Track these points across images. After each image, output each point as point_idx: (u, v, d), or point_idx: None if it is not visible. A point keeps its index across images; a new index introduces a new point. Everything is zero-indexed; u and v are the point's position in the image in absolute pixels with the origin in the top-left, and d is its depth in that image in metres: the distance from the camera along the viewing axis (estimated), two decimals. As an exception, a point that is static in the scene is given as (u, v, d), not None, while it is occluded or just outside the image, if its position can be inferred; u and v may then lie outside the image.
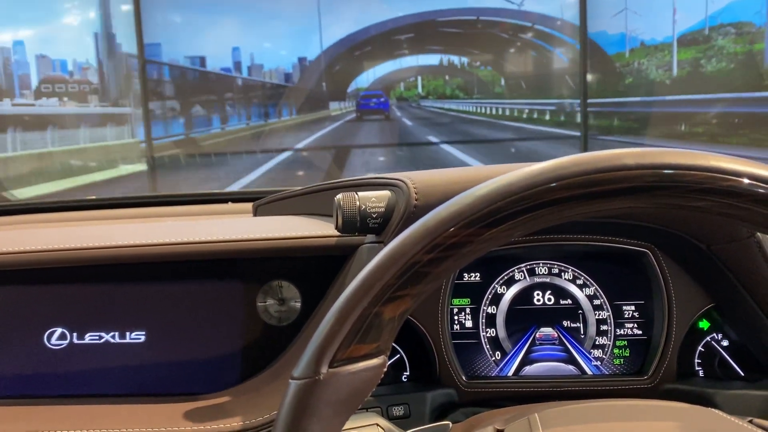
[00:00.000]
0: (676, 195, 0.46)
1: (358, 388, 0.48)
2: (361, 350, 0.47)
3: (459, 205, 0.47)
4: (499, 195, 0.46)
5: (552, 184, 0.45)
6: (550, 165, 0.46)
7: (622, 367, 0.88)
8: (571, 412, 0.58)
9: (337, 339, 0.47)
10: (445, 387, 0.85)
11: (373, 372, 0.48)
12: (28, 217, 1.37)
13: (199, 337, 0.86)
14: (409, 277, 0.46)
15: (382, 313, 0.47)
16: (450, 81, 10.87)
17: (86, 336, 0.86)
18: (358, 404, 0.49)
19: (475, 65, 10.38)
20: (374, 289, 0.46)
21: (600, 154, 0.46)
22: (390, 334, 0.48)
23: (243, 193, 1.34)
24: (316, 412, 0.46)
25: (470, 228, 0.46)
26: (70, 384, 0.85)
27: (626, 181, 0.45)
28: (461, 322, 0.89)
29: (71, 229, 0.99)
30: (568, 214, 0.46)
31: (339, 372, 0.47)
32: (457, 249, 0.46)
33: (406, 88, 11.02)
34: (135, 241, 0.85)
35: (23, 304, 0.86)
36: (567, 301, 0.89)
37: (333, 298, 0.84)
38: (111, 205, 1.39)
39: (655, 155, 0.46)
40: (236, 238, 0.85)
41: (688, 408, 0.59)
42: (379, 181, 0.83)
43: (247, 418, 0.77)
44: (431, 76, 10.87)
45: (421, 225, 0.47)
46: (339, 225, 0.78)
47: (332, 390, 0.47)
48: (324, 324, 0.47)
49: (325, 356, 0.47)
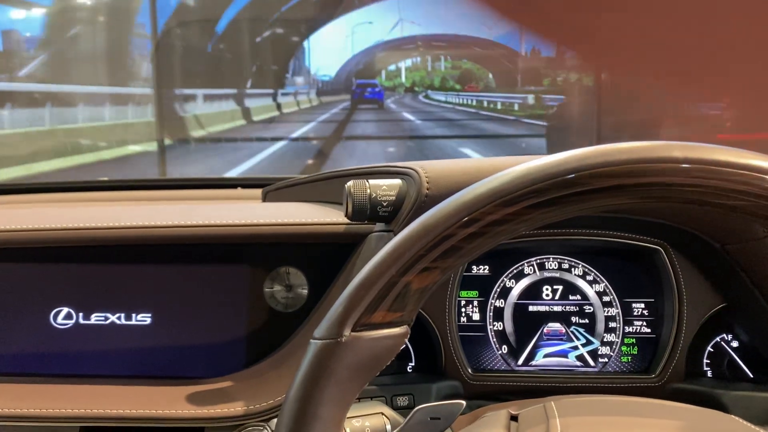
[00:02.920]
0: (719, 193, 0.45)
1: (378, 355, 0.48)
2: (385, 317, 0.47)
3: (499, 183, 0.46)
4: (544, 175, 0.45)
5: (599, 170, 0.45)
6: (598, 150, 0.46)
7: (630, 364, 0.87)
8: (587, 404, 0.58)
9: (363, 303, 0.47)
10: (450, 379, 0.84)
11: (394, 341, 0.48)
12: (38, 196, 1.37)
13: (205, 321, 0.86)
14: (440, 250, 0.46)
15: (409, 282, 0.47)
16: (433, 73, 11.07)
17: (92, 316, 0.86)
18: (377, 371, 0.49)
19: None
20: (404, 257, 0.46)
21: (648, 144, 0.46)
22: (415, 305, 0.48)
23: (252, 178, 1.34)
24: (334, 373, 0.47)
25: (510, 206, 0.46)
26: (74, 363, 0.85)
27: (672, 174, 0.45)
28: (468, 315, 0.88)
29: (80, 209, 0.98)
30: (606, 203, 0.46)
31: (361, 336, 0.47)
32: (493, 226, 0.46)
33: (387, 77, 11.21)
34: (144, 223, 0.85)
35: (31, 282, 0.86)
36: (576, 296, 0.88)
37: (341, 286, 0.84)
38: (119, 187, 1.39)
39: (704, 150, 0.45)
40: (245, 222, 0.85)
41: (706, 413, 0.58)
42: (390, 169, 0.82)
43: (250, 404, 0.77)
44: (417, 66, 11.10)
45: (458, 198, 0.47)
46: (349, 212, 0.77)
47: (353, 354, 0.47)
48: (351, 288, 0.48)
49: (349, 319, 0.47)
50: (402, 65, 11.48)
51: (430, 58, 11.33)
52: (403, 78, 11.54)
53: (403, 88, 11.46)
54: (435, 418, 0.56)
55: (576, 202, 0.46)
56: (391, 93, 11.34)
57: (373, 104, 11.01)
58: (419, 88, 11.23)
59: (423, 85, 11.23)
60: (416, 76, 11.40)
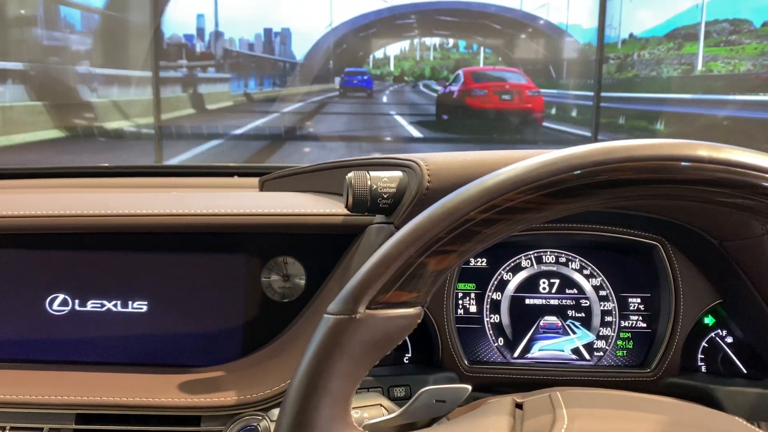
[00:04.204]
0: (737, 194, 0.46)
1: (390, 334, 0.49)
2: (400, 297, 0.48)
3: (523, 170, 0.47)
4: (568, 167, 0.46)
5: (624, 164, 0.45)
6: (623, 145, 0.46)
7: (625, 359, 0.88)
8: (593, 396, 0.58)
9: (380, 281, 0.47)
10: (446, 371, 0.85)
11: (407, 321, 0.49)
12: (31, 181, 1.36)
13: (202, 309, 0.86)
14: (459, 233, 0.47)
15: (426, 264, 0.47)
16: (423, 62, 10.82)
17: (88, 303, 0.86)
18: (389, 350, 0.49)
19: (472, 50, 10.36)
20: (423, 238, 0.47)
21: (673, 142, 0.46)
22: (430, 287, 0.49)
23: (249, 167, 1.33)
24: (347, 349, 0.47)
25: (531, 194, 0.46)
26: (70, 350, 0.85)
27: (695, 173, 0.45)
28: (465, 307, 0.88)
29: (75, 196, 0.98)
30: (626, 197, 0.47)
31: (376, 314, 0.47)
32: (512, 213, 0.47)
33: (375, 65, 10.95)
34: (140, 210, 0.84)
35: (26, 268, 0.86)
36: (573, 290, 0.88)
37: (338, 277, 0.84)
38: (115, 174, 1.38)
39: (730, 151, 0.45)
40: (243, 212, 0.84)
41: (712, 411, 0.59)
42: (391, 161, 0.82)
43: (247, 393, 0.77)
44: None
45: (481, 183, 0.47)
46: (349, 204, 0.77)
47: (366, 330, 0.47)
48: (368, 265, 0.48)
49: (365, 296, 0.47)
50: (391, 53, 11.34)
51: (422, 43, 11.14)
52: (391, 66, 11.45)
53: (392, 77, 11.34)
54: (440, 401, 0.56)
55: (595, 195, 0.46)
56: (380, 82, 11.11)
57: (362, 92, 10.72)
58: (409, 78, 10.98)
59: (413, 75, 10.98)
60: (405, 65, 11.31)
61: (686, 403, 0.61)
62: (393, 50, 11.22)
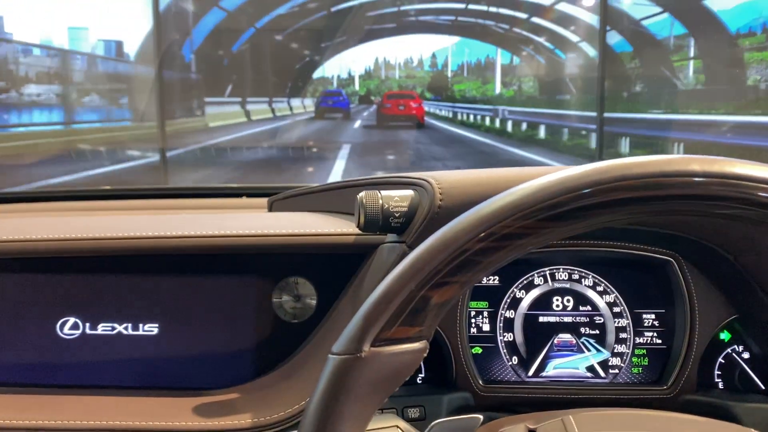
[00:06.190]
0: (736, 206, 0.45)
1: (397, 370, 0.48)
2: (404, 332, 0.47)
3: (517, 196, 0.46)
4: (562, 190, 0.45)
5: (616, 183, 0.45)
6: (615, 164, 0.46)
7: (641, 375, 0.87)
8: (606, 417, 0.57)
9: (382, 318, 0.46)
10: (461, 390, 0.84)
11: (413, 356, 0.48)
12: (40, 205, 1.37)
13: (213, 331, 0.85)
14: (459, 264, 0.46)
15: (429, 297, 0.47)
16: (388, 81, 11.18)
17: (99, 326, 0.85)
18: (396, 386, 0.48)
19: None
20: (423, 271, 0.46)
21: (666, 157, 0.46)
22: (434, 320, 0.48)
23: (258, 188, 1.33)
24: (354, 389, 0.46)
25: (526, 220, 0.45)
26: (81, 374, 0.84)
27: (689, 188, 0.45)
28: (479, 326, 0.87)
29: (85, 219, 0.98)
30: (623, 216, 0.46)
31: (381, 352, 0.47)
32: (510, 240, 0.46)
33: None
34: (151, 233, 0.84)
35: (36, 292, 0.86)
36: (586, 307, 0.88)
37: (350, 297, 0.83)
38: (124, 196, 1.39)
39: (723, 164, 0.45)
40: (254, 233, 0.84)
41: (727, 426, 0.58)
42: (402, 180, 0.82)
43: (259, 416, 0.76)
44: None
45: (476, 212, 0.47)
46: (360, 223, 0.77)
47: (372, 369, 0.46)
48: (369, 302, 0.47)
49: (369, 334, 0.46)
50: (356, 72, 11.61)
51: (387, 63, 11.65)
52: (356, 86, 11.78)
53: (357, 96, 11.75)
54: None
55: (593, 216, 0.46)
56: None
57: (338, 113, 11.29)
58: (376, 97, 11.58)
59: (379, 95, 11.58)
60: (371, 84, 11.71)
61: (703, 419, 0.60)
62: (358, 69, 11.50)
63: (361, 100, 11.98)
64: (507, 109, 10.75)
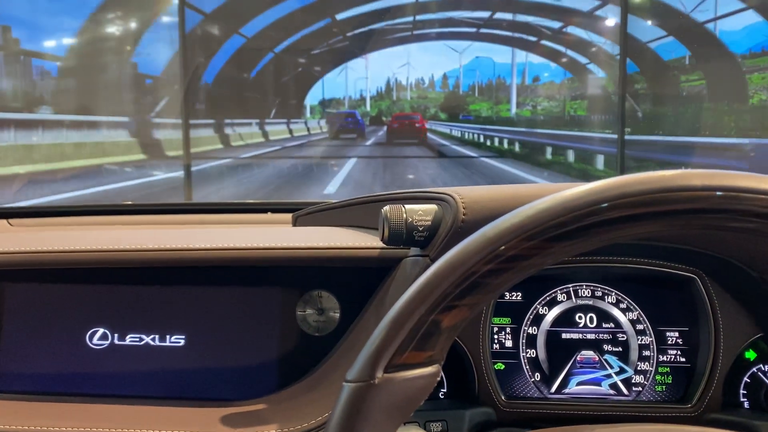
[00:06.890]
0: (740, 219, 0.45)
1: (411, 396, 0.48)
2: (416, 357, 0.47)
3: (521, 218, 0.46)
4: (564, 210, 0.45)
5: (617, 201, 0.45)
6: (616, 182, 0.46)
7: (664, 393, 0.86)
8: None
9: (394, 344, 0.47)
10: (483, 406, 0.84)
11: (426, 380, 0.48)
12: (65, 219, 1.39)
13: (238, 343, 0.86)
14: (466, 287, 0.46)
15: (439, 321, 0.47)
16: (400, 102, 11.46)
17: (127, 337, 0.87)
18: (411, 411, 0.49)
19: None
20: (432, 296, 0.46)
21: (666, 173, 0.46)
22: (445, 344, 0.48)
23: (282, 203, 1.34)
24: (369, 416, 0.46)
25: (531, 241, 0.46)
26: (109, 384, 0.86)
27: (691, 202, 0.45)
28: (501, 342, 0.88)
29: (115, 232, 1.00)
30: (628, 233, 0.46)
31: (394, 378, 0.47)
32: (517, 261, 0.46)
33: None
34: (178, 245, 0.86)
35: (68, 303, 0.88)
36: (609, 324, 0.88)
37: (373, 310, 0.84)
38: (151, 211, 1.41)
39: (723, 177, 0.45)
40: (279, 245, 0.85)
41: None
42: (425, 194, 0.83)
43: (283, 427, 0.77)
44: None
45: (480, 235, 0.47)
46: (385, 237, 0.78)
47: (386, 395, 0.47)
48: (380, 328, 0.48)
49: (381, 361, 0.47)
50: (367, 93, 11.86)
51: (398, 83, 12.17)
52: (368, 106, 12.08)
53: (369, 117, 12.09)
54: None
55: (597, 234, 0.46)
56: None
57: (352, 134, 11.70)
58: (387, 118, 11.92)
59: (390, 115, 12.22)
60: (382, 105, 12.03)
61: None
62: (369, 90, 11.75)
63: (372, 121, 12.84)
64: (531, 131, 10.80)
